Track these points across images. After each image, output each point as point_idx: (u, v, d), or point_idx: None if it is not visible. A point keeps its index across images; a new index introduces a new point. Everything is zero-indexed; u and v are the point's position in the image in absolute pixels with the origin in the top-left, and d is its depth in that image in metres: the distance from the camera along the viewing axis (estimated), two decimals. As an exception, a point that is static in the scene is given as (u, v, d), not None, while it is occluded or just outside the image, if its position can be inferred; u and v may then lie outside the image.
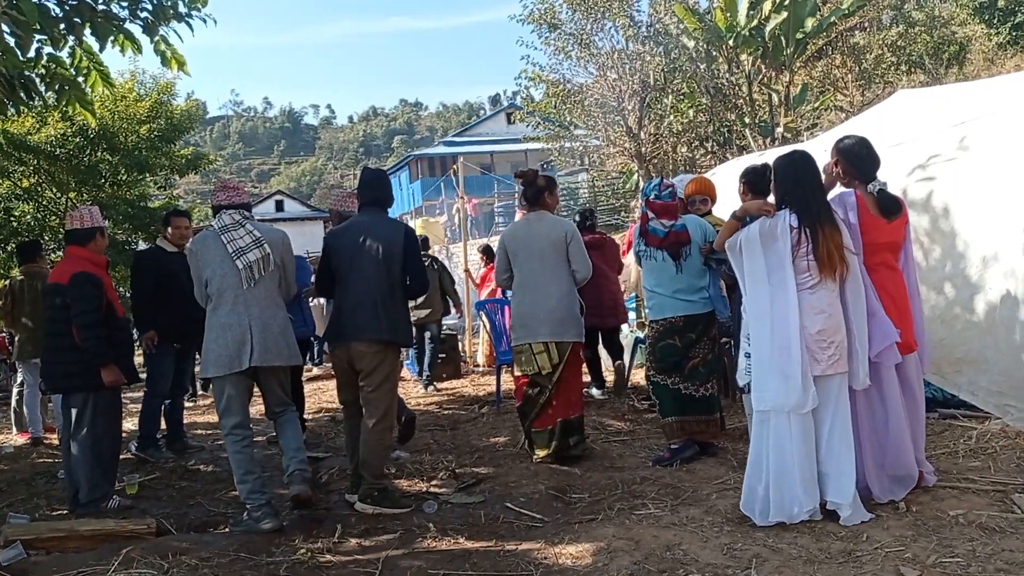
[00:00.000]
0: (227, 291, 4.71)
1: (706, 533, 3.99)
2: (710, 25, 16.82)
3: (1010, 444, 4.94)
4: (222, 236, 4.76)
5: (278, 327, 4.79)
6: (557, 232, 5.67)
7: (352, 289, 4.97)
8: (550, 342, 5.57)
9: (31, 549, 4.25)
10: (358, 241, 5.00)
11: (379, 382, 4.94)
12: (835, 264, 4.03)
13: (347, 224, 5.25)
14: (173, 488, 5.86)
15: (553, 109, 19.50)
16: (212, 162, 21.54)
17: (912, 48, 22.30)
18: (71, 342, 5.17)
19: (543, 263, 5.65)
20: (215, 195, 5.02)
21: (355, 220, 5.22)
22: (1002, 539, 3.64)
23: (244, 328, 4.66)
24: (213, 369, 4.70)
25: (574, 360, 5.73)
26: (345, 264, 5.00)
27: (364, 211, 5.22)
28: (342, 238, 5.11)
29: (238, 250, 4.71)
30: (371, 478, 4.94)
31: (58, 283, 5.25)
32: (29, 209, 15.77)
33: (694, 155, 18.83)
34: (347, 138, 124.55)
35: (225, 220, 4.82)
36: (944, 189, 5.54)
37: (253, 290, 4.72)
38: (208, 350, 4.73)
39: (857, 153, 4.42)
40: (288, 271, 5.03)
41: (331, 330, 5.10)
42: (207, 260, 4.77)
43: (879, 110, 7.72)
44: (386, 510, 4.81)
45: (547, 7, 17.64)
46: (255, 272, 4.72)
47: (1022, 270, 5.01)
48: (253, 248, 4.73)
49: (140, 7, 5.19)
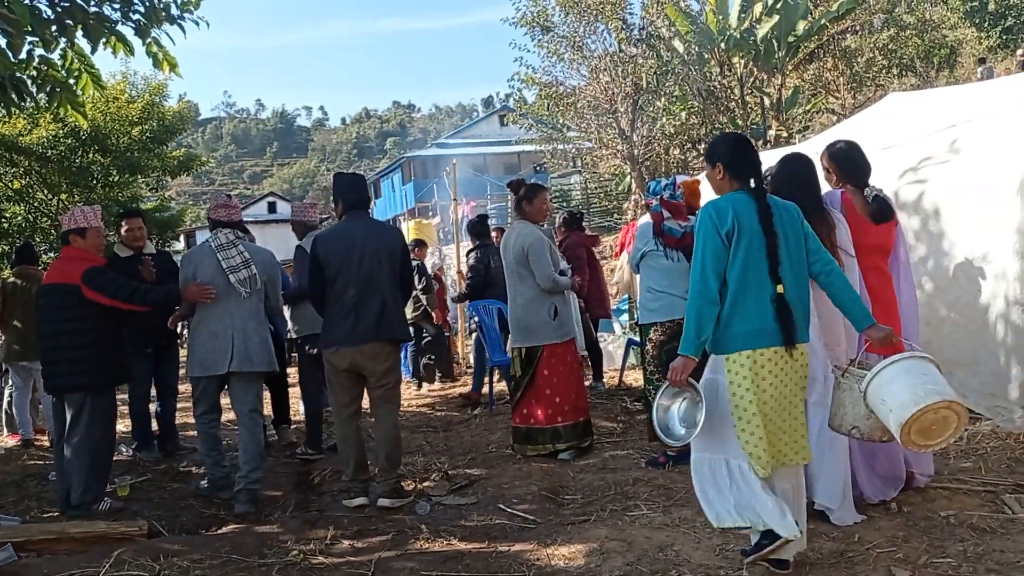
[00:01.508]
0: (216, 303, 5.26)
1: (699, 534, 4.00)
2: (702, 28, 16.87)
3: (1001, 445, 4.96)
4: (218, 253, 5.30)
5: (259, 338, 5.33)
6: (519, 243, 5.85)
7: (355, 292, 5.00)
8: (518, 347, 5.96)
9: (22, 551, 4.24)
10: (358, 244, 5.03)
11: (394, 380, 5.27)
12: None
13: (338, 229, 5.24)
14: (164, 490, 5.84)
15: (546, 111, 19.54)
16: (204, 164, 21.55)
17: (903, 51, 22.40)
18: (70, 342, 5.16)
19: (510, 273, 5.99)
20: (215, 210, 5.54)
21: (347, 224, 5.19)
22: (993, 539, 3.66)
23: (228, 337, 5.24)
24: (198, 370, 5.33)
25: (556, 363, 5.85)
26: (346, 268, 5.01)
27: (351, 215, 5.22)
28: (336, 243, 5.10)
29: (231, 267, 5.26)
30: (396, 471, 5.15)
31: (67, 282, 5.21)
32: (20, 211, 15.74)
33: (686, 157, 18.88)
34: (340, 140, 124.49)
35: (221, 239, 5.36)
36: (935, 191, 5.56)
37: (240, 304, 5.29)
38: (194, 352, 5.35)
39: (849, 157, 4.46)
40: (274, 288, 5.64)
41: (333, 334, 5.07)
42: (201, 271, 5.31)
43: (870, 113, 7.75)
44: (407, 500, 5.07)
45: (540, 10, 17.67)
46: (244, 288, 5.27)
47: (1013, 272, 5.03)
48: (242, 268, 5.29)
49: (132, 9, 5.18)
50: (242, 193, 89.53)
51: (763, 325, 3.41)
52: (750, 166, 3.60)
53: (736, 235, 3.43)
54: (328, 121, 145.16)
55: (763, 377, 3.41)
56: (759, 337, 3.41)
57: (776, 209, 3.52)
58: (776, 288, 3.42)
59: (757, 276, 3.43)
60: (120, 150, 15.68)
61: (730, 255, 3.44)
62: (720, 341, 3.50)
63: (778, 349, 3.41)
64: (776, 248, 3.45)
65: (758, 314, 3.42)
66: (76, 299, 5.16)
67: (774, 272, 3.42)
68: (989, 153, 5.31)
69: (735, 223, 3.44)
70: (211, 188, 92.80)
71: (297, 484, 5.89)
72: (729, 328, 3.46)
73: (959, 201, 5.41)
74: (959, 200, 5.41)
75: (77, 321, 5.19)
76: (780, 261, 3.44)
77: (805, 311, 3.55)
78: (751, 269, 3.42)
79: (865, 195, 4.37)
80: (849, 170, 4.44)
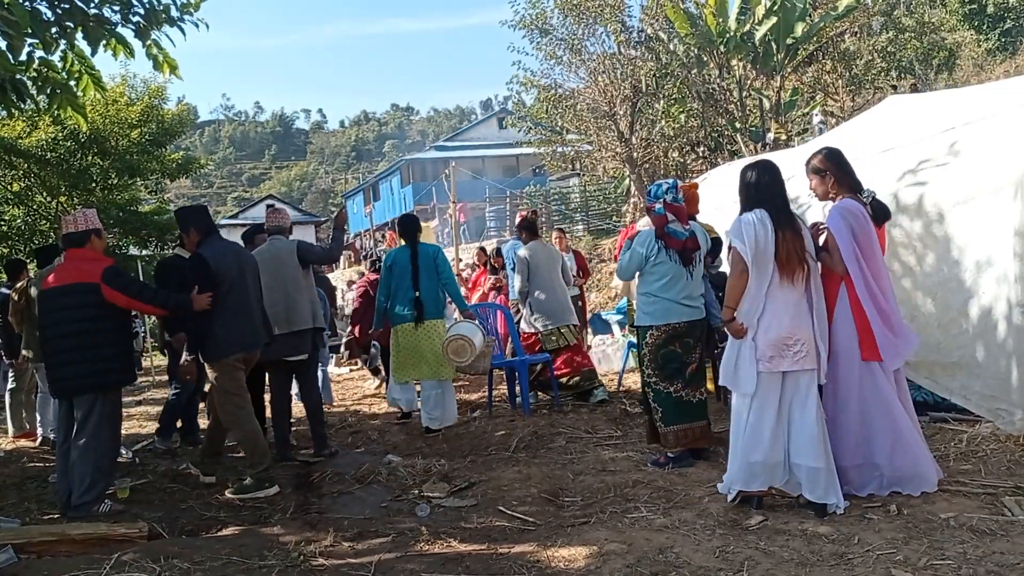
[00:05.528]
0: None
1: (698, 536, 4.00)
2: (702, 29, 16.87)
3: (1001, 447, 4.96)
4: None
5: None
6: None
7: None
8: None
9: (22, 553, 4.22)
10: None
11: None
12: (794, 267, 4.22)
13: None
14: (165, 492, 5.83)
15: (545, 114, 19.53)
16: (203, 166, 21.56)
17: (902, 54, 22.43)
18: (85, 343, 5.17)
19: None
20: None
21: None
22: (993, 541, 3.66)
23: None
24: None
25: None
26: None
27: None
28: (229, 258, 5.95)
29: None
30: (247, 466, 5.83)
31: (87, 282, 5.21)
32: (19, 213, 15.72)
33: (685, 160, 18.89)
34: (338, 143, 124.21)
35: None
36: (936, 194, 5.57)
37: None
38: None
39: (843, 158, 4.53)
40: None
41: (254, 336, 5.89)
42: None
43: (870, 115, 7.76)
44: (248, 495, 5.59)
45: (538, 12, 17.66)
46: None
47: (1014, 274, 5.04)
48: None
49: (132, 11, 5.17)
50: (240, 196, 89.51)
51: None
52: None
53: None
54: (327, 124, 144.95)
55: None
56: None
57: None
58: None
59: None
60: (119, 153, 15.67)
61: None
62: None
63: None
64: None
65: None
66: (95, 298, 5.19)
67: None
68: (989, 155, 5.31)
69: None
70: (210, 191, 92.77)
71: (297, 486, 5.89)
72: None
73: (960, 203, 5.42)
74: (960, 202, 5.42)
75: (94, 321, 5.20)
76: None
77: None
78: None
79: (863, 198, 4.43)
80: (846, 169, 4.50)
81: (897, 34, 21.85)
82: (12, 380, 8.49)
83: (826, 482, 4.17)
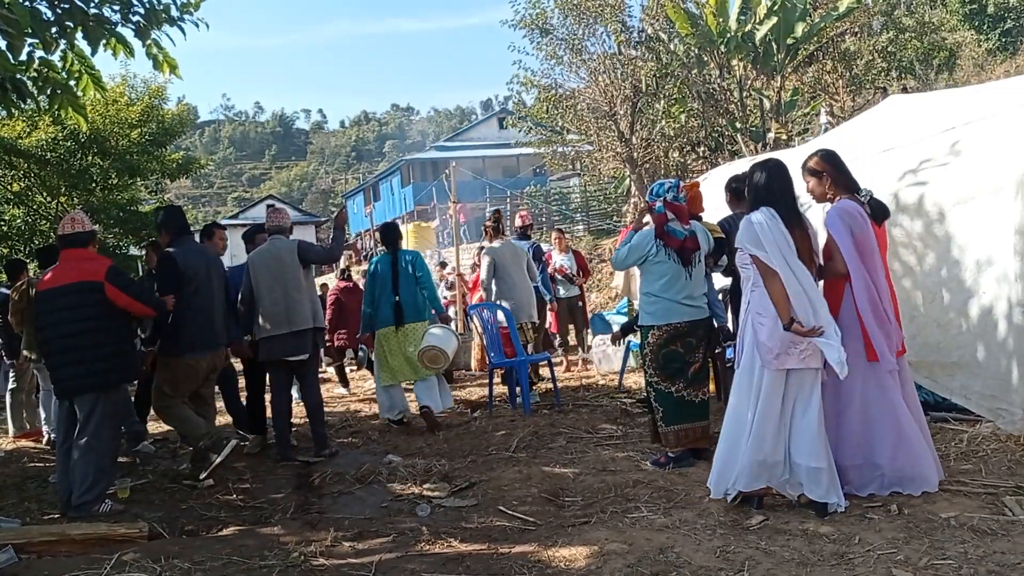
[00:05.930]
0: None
1: (699, 536, 4.00)
2: (702, 29, 16.86)
3: (1001, 447, 4.96)
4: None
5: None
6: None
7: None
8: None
9: (22, 553, 4.23)
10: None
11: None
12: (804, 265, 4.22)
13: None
14: (165, 492, 5.83)
15: (545, 114, 19.52)
16: (203, 166, 21.54)
17: (902, 54, 22.43)
18: (87, 342, 5.18)
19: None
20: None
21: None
22: (993, 541, 3.65)
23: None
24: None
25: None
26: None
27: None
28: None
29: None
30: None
31: (89, 280, 5.22)
32: (19, 213, 15.70)
33: (686, 160, 18.89)
34: (339, 143, 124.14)
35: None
36: (936, 193, 5.56)
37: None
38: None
39: (840, 159, 4.53)
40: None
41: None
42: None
43: (870, 115, 7.76)
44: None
45: (539, 12, 17.66)
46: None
47: (1014, 273, 5.03)
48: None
49: (132, 11, 5.17)
50: (240, 196, 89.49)
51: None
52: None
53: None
54: (327, 124, 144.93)
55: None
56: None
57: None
58: None
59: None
60: (119, 153, 15.65)
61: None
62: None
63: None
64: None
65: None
66: (97, 297, 5.20)
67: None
68: (989, 155, 5.31)
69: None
70: (210, 191, 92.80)
71: (298, 486, 5.89)
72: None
73: (961, 203, 5.42)
74: (961, 202, 5.42)
75: (96, 320, 5.22)
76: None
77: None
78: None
79: (862, 198, 4.43)
80: (843, 170, 4.51)
81: (897, 34, 21.87)
82: (13, 380, 8.49)
83: (827, 482, 4.16)
